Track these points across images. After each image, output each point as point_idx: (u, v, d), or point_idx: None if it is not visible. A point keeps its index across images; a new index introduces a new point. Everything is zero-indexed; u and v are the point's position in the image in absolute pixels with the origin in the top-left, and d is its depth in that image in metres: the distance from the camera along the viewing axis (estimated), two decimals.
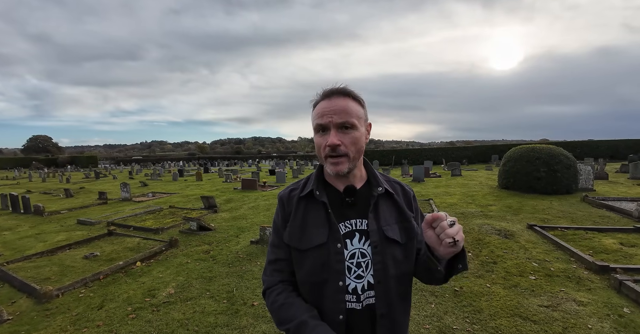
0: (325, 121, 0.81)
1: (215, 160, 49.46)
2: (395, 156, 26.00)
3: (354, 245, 0.85)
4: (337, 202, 0.89)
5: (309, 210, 0.89)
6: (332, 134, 0.80)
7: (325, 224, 0.86)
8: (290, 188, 0.97)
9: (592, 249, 4.07)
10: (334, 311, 0.82)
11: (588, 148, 23.15)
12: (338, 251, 0.83)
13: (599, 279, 3.23)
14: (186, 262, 4.12)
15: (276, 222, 0.95)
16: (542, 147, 8.57)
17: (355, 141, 0.82)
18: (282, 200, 0.95)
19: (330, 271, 0.83)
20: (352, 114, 0.82)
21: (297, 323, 0.78)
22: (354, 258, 0.85)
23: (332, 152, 0.81)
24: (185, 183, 15.31)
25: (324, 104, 0.83)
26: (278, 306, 0.84)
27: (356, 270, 0.84)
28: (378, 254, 0.84)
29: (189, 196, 10.41)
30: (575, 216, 5.82)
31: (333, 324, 0.81)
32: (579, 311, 2.68)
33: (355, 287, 0.84)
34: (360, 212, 0.88)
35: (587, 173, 8.64)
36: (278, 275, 0.91)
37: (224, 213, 7.31)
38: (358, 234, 0.86)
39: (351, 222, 0.87)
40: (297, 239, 0.87)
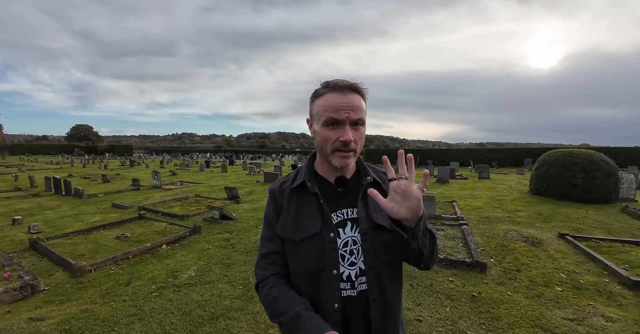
0: (342, 117, 0.80)
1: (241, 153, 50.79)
2: (420, 155, 25.34)
3: (347, 233, 0.88)
4: (329, 193, 0.90)
5: (301, 201, 0.91)
6: (348, 130, 0.81)
7: (318, 215, 0.88)
8: (281, 181, 0.98)
9: (628, 263, 3.77)
10: (329, 300, 0.84)
11: (633, 155, 21.20)
12: (331, 240, 0.86)
13: (632, 295, 3.00)
14: (207, 248, 4.31)
15: (268, 215, 0.95)
16: (580, 151, 8.01)
17: (363, 138, 0.86)
18: (274, 193, 0.95)
19: (325, 260, 0.85)
20: (363, 112, 0.83)
21: (290, 315, 0.79)
22: (347, 245, 0.87)
23: (344, 147, 0.82)
24: (211, 174, 15.87)
25: (338, 97, 0.81)
26: (271, 299, 0.85)
27: (349, 257, 0.86)
28: (368, 241, 0.87)
29: (214, 187, 10.79)
30: (612, 227, 5.41)
31: (329, 313, 0.83)
32: (607, 327, 2.51)
33: (349, 274, 0.86)
34: (351, 202, 0.91)
35: (629, 182, 7.96)
36: (271, 268, 0.91)
37: (245, 204, 7.52)
38: (350, 223, 0.89)
39: (342, 211, 0.89)
40: (290, 231, 0.88)
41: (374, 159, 28.86)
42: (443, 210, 6.70)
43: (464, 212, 6.43)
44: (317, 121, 0.85)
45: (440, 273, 3.49)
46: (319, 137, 0.85)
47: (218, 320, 2.58)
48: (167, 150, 57.83)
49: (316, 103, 0.86)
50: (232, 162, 25.30)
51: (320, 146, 0.86)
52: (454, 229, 5.14)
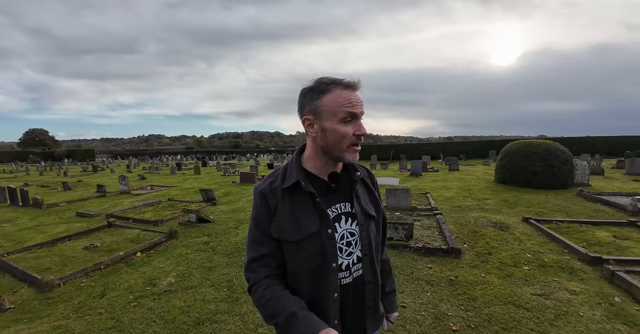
0: (358, 111, 0.85)
1: (213, 154, 49.32)
2: (393, 150, 26.03)
3: (342, 227, 0.93)
4: (322, 190, 0.92)
5: (295, 201, 0.89)
6: (362, 124, 0.87)
7: (315, 213, 0.88)
8: (269, 181, 0.93)
9: (585, 242, 4.14)
10: (329, 290, 0.87)
11: (585, 144, 23.27)
12: (330, 236, 0.89)
13: (591, 270, 3.30)
14: (186, 253, 4.17)
15: (257, 217, 0.90)
16: (539, 142, 8.63)
17: None
18: (264, 194, 0.90)
19: (325, 256, 0.88)
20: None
21: (285, 316, 0.78)
22: (344, 238, 0.92)
23: (359, 140, 0.87)
24: (184, 177, 15.29)
25: (350, 94, 0.84)
26: (265, 301, 0.84)
27: (347, 249, 0.92)
28: (364, 231, 0.95)
29: (188, 189, 10.42)
30: (570, 210, 5.90)
31: (329, 303, 0.87)
32: (571, 299, 2.75)
33: (347, 264, 0.92)
34: (344, 196, 0.96)
35: (583, 168, 8.72)
36: (263, 270, 0.89)
37: (222, 206, 7.34)
38: (344, 217, 0.94)
39: (337, 206, 0.94)
40: (288, 232, 0.87)
41: None
42: (418, 201, 6.96)
43: (437, 203, 6.72)
44: (328, 118, 0.83)
45: (420, 261, 3.64)
46: (334, 134, 0.83)
47: (204, 325, 2.51)
48: (133, 153, 54.78)
49: (324, 100, 0.83)
50: (205, 164, 24.51)
51: (334, 142, 0.84)
52: (429, 219, 5.36)
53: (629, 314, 2.49)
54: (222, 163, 24.22)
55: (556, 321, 2.45)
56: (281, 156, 37.76)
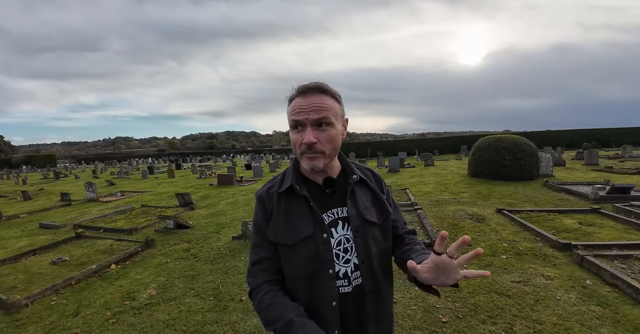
0: (302, 118, 0.80)
1: (187, 156, 47.64)
2: (370, 148, 26.47)
3: (339, 232, 0.89)
4: (318, 194, 0.90)
5: (291, 205, 0.90)
6: (309, 131, 0.80)
7: (309, 217, 0.87)
8: (268, 186, 0.96)
9: (554, 229, 4.42)
10: (327, 299, 0.84)
11: (547, 138, 24.94)
12: (325, 241, 0.86)
13: (562, 256, 3.53)
14: (166, 262, 3.98)
15: (257, 222, 0.94)
16: (507, 137, 9.10)
17: (331, 138, 0.83)
18: (262, 199, 0.94)
19: (320, 261, 0.85)
20: (328, 111, 0.81)
21: (283, 323, 0.78)
22: (341, 244, 0.89)
23: (308, 149, 0.81)
24: (157, 181, 14.63)
25: (300, 100, 0.82)
26: (264, 306, 0.84)
27: (344, 255, 0.89)
28: (360, 237, 0.89)
29: (162, 194, 9.98)
30: (538, 200, 6.28)
31: (327, 312, 0.83)
32: (548, 284, 2.93)
33: (345, 271, 0.88)
34: (340, 201, 0.92)
35: (547, 160, 9.31)
36: (263, 275, 0.90)
37: (201, 210, 7.10)
38: (341, 222, 0.90)
39: (333, 211, 0.90)
40: (283, 235, 0.88)
41: None
42: (398, 197, 7.12)
43: (416, 198, 6.91)
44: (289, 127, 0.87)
45: None
46: (291, 142, 0.86)
47: None
48: (99, 157, 51.64)
49: (287, 109, 0.87)
50: (179, 167, 23.61)
51: (293, 150, 0.87)
52: (410, 215, 5.49)
53: (600, 295, 2.68)
54: (197, 165, 23.41)
55: (536, 305, 2.59)
56: (258, 156, 37.19)
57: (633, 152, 15.90)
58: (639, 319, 2.31)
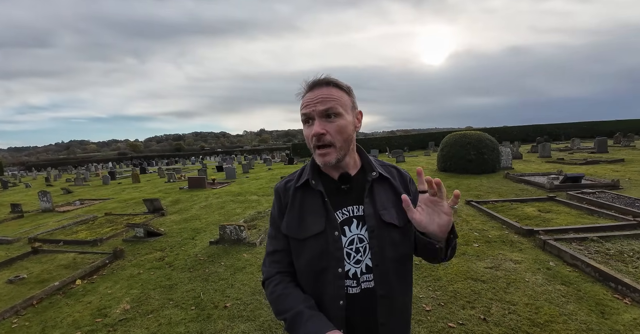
0: (309, 111, 0.81)
1: (152, 159, 45.15)
2: None
3: (352, 231, 0.87)
4: (333, 191, 0.89)
5: (305, 200, 0.90)
6: (317, 123, 0.80)
7: (322, 213, 0.86)
8: (286, 180, 0.97)
9: (517, 217, 4.77)
10: (334, 297, 0.83)
11: (505, 133, 26.82)
12: (336, 239, 0.84)
13: (527, 241, 3.81)
14: (138, 273, 3.74)
15: (273, 214, 0.96)
16: (472, 133, 9.65)
17: (341, 129, 0.81)
18: (279, 192, 0.95)
19: (329, 259, 0.84)
20: (334, 102, 0.80)
21: (293, 313, 0.79)
22: (353, 243, 0.86)
23: (318, 141, 0.81)
24: (120, 187, 13.73)
25: (309, 94, 0.83)
26: (276, 296, 0.86)
27: (355, 255, 0.86)
28: (375, 238, 0.85)
29: (128, 201, 9.39)
30: (501, 191, 6.73)
31: (334, 310, 0.83)
32: (516, 268, 3.15)
33: (355, 272, 0.85)
34: (356, 199, 0.89)
35: (507, 154, 10.01)
36: (276, 266, 0.92)
37: (173, 216, 6.77)
38: (355, 221, 0.87)
39: (348, 209, 0.88)
40: (295, 229, 0.88)
41: (301, 153, 29.28)
42: None
43: None
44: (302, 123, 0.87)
45: None
46: (305, 137, 0.86)
47: None
48: (52, 163, 47.31)
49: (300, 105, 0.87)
50: (144, 171, 22.33)
51: (307, 145, 0.87)
52: None
53: (563, 275, 2.94)
54: (164, 168, 22.28)
55: (508, 288, 2.78)
56: (230, 157, 36.21)
57: (581, 145, 17.60)
58: (599, 295, 2.57)
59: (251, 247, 4.27)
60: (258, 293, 3.00)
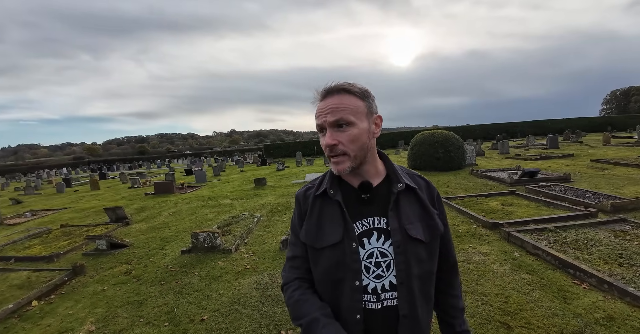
0: (320, 121, 0.80)
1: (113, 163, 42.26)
2: (316, 146, 26.89)
3: (372, 244, 0.83)
4: (353, 200, 0.86)
5: (324, 209, 0.88)
6: (328, 134, 0.79)
7: (340, 223, 0.84)
8: (307, 187, 0.96)
9: (484, 211, 5.05)
10: (350, 310, 0.82)
11: (467, 132, 28.41)
12: (353, 251, 0.82)
13: (493, 234, 4.05)
14: (102, 289, 3.47)
15: (293, 221, 0.96)
16: (439, 132, 10.08)
17: (353, 138, 0.79)
18: (299, 199, 0.95)
19: (345, 271, 0.82)
20: (344, 111, 0.78)
21: (309, 320, 0.79)
22: (373, 257, 0.83)
23: (331, 152, 0.80)
24: (77, 194, 12.71)
25: (320, 104, 0.82)
26: (293, 301, 0.86)
27: (375, 270, 0.82)
28: (401, 254, 0.81)
29: (86, 210, 8.70)
30: (467, 187, 7.10)
31: (350, 323, 0.81)
32: (485, 260, 3.33)
33: (375, 287, 0.82)
34: (379, 210, 0.85)
35: (471, 152, 10.60)
36: (295, 272, 0.93)
37: (138, 224, 6.38)
38: (376, 233, 0.83)
39: (368, 220, 0.84)
40: (312, 238, 0.87)
41: (273, 154, 28.94)
42: None
43: None
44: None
45: None
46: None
47: None
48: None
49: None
50: (103, 176, 20.83)
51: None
52: None
53: (527, 264, 3.15)
54: (127, 173, 20.92)
55: (480, 280, 2.93)
56: (199, 159, 34.88)
57: (535, 141, 19.06)
58: (560, 282, 2.78)
59: (227, 255, 4.12)
60: (236, 302, 2.90)
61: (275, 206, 6.91)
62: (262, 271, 3.53)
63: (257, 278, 3.37)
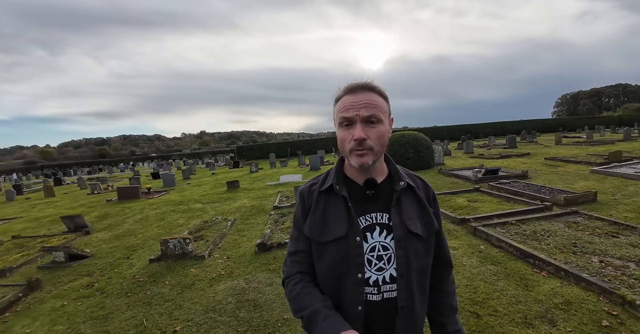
0: (352, 115, 0.81)
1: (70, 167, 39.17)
2: (290, 147, 26.74)
3: (375, 238, 0.87)
4: (358, 196, 0.89)
5: (329, 204, 0.90)
6: (359, 128, 0.80)
7: (345, 218, 0.87)
8: (311, 183, 0.98)
9: (452, 208, 5.31)
10: (353, 302, 0.85)
11: (435, 132, 29.73)
12: (357, 245, 0.85)
13: (461, 229, 4.26)
14: (62, 305, 3.20)
15: (296, 216, 0.97)
16: (409, 133, 10.45)
17: (381, 135, 0.83)
18: (303, 194, 0.96)
19: (349, 264, 0.85)
20: (378, 109, 0.82)
21: (310, 311, 0.81)
22: (375, 250, 0.87)
23: (359, 146, 0.81)
24: (29, 202, 11.64)
25: (350, 98, 0.82)
26: (295, 294, 0.88)
27: (377, 263, 0.86)
28: (401, 248, 0.86)
29: (40, 219, 7.99)
30: (436, 185, 7.42)
31: (352, 315, 0.84)
32: (455, 254, 3.49)
33: (376, 279, 0.85)
34: (382, 206, 0.89)
35: (439, 152, 11.10)
36: (297, 266, 0.94)
37: (100, 233, 5.96)
38: (378, 228, 0.88)
39: (371, 215, 0.88)
40: (317, 232, 0.89)
41: (246, 156, 28.36)
42: None
43: None
44: (336, 124, 0.87)
45: None
46: (339, 139, 0.86)
47: None
48: None
49: (335, 108, 0.87)
50: (59, 182, 19.26)
51: (340, 147, 0.87)
52: None
53: (492, 256, 3.36)
54: (86, 178, 19.47)
55: None
56: (167, 162, 33.29)
57: (496, 141, 20.39)
58: (522, 271, 2.99)
59: (199, 261, 3.97)
60: (211, 310, 2.80)
61: (249, 208, 6.78)
62: (238, 276, 3.44)
63: (233, 283, 3.28)
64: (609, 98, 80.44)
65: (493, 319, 2.32)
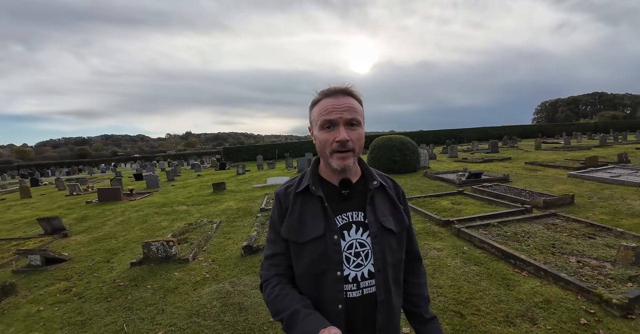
0: (335, 117, 0.83)
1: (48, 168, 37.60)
2: (278, 150, 26.61)
3: (352, 236, 0.90)
4: (333, 196, 0.92)
5: (305, 204, 0.92)
6: (342, 130, 0.83)
7: (322, 218, 0.89)
8: (286, 185, 0.99)
9: (436, 210, 5.40)
10: (333, 300, 0.86)
11: (421, 136, 30.30)
12: (335, 243, 0.87)
13: (445, 230, 4.35)
14: (37, 310, 3.05)
15: (273, 218, 0.97)
16: (396, 137, 10.59)
17: (360, 137, 0.87)
18: (279, 197, 0.97)
19: (328, 262, 0.86)
20: (358, 113, 0.86)
21: (289, 313, 0.81)
22: (352, 248, 0.89)
23: (342, 147, 0.84)
24: (4, 204, 11.09)
25: (330, 101, 0.85)
26: (273, 297, 0.88)
27: (355, 259, 0.88)
28: (377, 244, 0.89)
29: (15, 221, 7.63)
30: (422, 188, 7.55)
31: (332, 314, 0.85)
32: (439, 255, 3.56)
33: (355, 276, 0.88)
34: (357, 205, 0.93)
35: (425, 155, 11.31)
36: (274, 269, 0.94)
37: (79, 236, 5.74)
38: (355, 226, 0.90)
39: (347, 214, 0.91)
40: (294, 233, 0.90)
41: (233, 158, 28.02)
42: None
43: None
44: (315, 127, 0.88)
45: None
46: (318, 141, 0.88)
47: None
48: None
49: (313, 110, 0.89)
50: (36, 182, 18.45)
51: (320, 149, 0.89)
52: None
53: (475, 257, 3.44)
54: (64, 179, 18.73)
55: (435, 273, 3.13)
56: (150, 163, 32.47)
57: (479, 146, 20.94)
58: (504, 271, 3.07)
59: (183, 264, 3.88)
60: (195, 314, 2.74)
61: (235, 211, 6.69)
62: (223, 280, 3.39)
63: (218, 286, 3.22)
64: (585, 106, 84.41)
65: (476, 319, 2.37)
